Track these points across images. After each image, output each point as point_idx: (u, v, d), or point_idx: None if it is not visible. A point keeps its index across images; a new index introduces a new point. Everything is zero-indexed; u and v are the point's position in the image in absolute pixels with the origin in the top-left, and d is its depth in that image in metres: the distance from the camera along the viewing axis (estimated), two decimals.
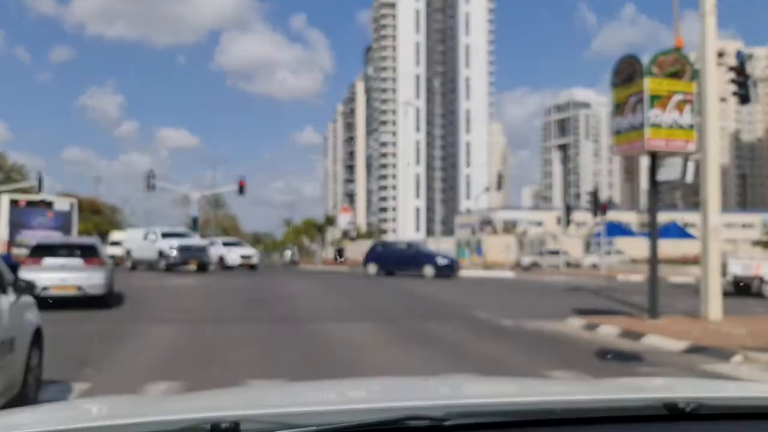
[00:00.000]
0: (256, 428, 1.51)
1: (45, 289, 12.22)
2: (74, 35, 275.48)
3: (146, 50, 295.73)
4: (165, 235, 31.21)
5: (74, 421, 1.75)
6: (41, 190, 53.65)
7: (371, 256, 32.55)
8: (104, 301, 14.46)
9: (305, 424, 1.51)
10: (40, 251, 14.52)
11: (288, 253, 78.77)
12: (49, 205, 32.02)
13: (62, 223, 31.07)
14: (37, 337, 6.40)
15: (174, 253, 29.60)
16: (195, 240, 33.22)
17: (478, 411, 1.67)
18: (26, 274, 12.48)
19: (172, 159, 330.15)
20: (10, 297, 5.80)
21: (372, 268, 31.36)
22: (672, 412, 1.63)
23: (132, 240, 33.63)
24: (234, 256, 35.48)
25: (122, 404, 2.21)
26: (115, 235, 43.81)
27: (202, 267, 30.28)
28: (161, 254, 30.07)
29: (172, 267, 29.66)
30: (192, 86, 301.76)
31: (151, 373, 8.33)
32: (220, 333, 12.01)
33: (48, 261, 14.01)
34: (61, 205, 33.02)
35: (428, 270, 29.71)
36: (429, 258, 31.07)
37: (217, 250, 34.59)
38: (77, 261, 14.16)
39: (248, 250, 38.18)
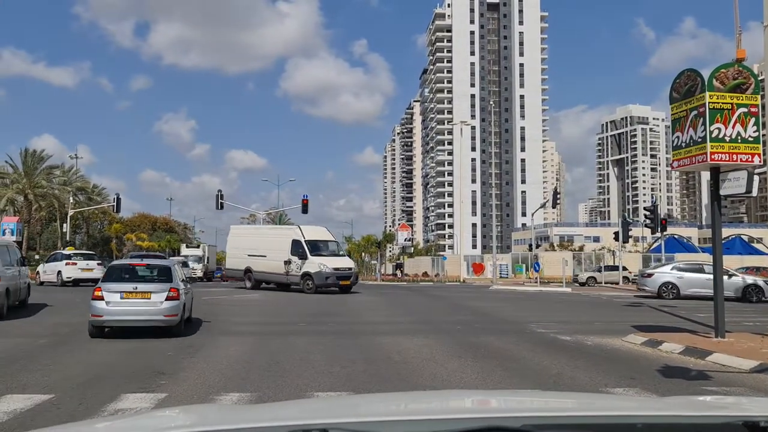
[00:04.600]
0: None
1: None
2: (151, 65, 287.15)
3: (217, 78, 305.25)
4: None
5: (169, 429, 1.84)
6: (118, 211, 57.59)
7: None
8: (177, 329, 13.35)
9: None
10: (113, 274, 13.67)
11: None
12: None
13: None
14: None
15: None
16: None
17: (556, 423, 1.72)
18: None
19: (241, 179, 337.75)
20: None
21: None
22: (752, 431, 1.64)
23: None
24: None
25: (210, 413, 2.28)
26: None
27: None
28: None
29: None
30: (260, 110, 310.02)
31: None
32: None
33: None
34: None
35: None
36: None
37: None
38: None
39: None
